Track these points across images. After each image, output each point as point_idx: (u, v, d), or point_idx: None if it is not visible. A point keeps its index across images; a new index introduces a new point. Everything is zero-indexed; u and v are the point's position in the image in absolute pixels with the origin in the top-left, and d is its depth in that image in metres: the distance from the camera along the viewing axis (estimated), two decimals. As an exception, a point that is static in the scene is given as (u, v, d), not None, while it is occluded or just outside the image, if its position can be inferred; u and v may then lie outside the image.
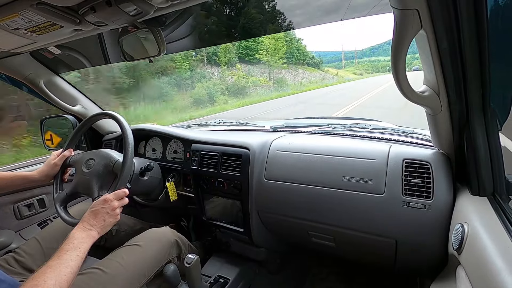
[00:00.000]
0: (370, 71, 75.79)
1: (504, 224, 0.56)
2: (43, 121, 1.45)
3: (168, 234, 1.06)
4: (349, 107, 9.45)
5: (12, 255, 0.94)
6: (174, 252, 1.04)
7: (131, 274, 0.87)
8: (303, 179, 1.00)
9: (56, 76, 1.34)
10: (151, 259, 0.94)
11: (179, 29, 1.02)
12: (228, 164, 1.15)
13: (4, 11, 0.65)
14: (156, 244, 0.99)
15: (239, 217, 1.18)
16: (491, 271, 0.47)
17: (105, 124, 1.56)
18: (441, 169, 0.81)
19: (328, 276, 1.47)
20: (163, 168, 1.32)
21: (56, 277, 0.61)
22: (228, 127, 1.58)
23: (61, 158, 1.06)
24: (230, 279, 1.19)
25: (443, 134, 0.77)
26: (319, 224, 0.99)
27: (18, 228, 1.27)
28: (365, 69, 77.65)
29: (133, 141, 1.00)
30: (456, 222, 0.69)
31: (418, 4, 0.49)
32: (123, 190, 0.89)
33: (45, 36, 0.80)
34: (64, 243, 0.71)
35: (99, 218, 0.80)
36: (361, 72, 62.16)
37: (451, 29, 0.53)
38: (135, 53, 0.90)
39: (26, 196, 1.29)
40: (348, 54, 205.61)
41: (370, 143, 1.02)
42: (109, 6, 0.64)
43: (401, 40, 0.53)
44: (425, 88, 0.68)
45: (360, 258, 1.14)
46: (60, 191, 1.05)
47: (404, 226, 0.83)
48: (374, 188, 0.87)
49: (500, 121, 0.62)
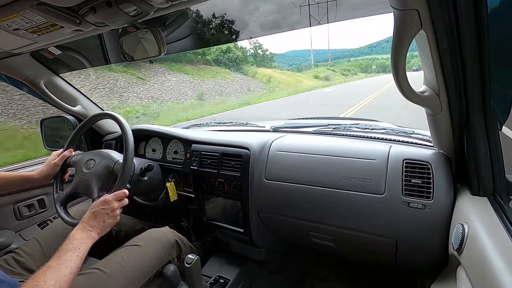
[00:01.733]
0: (350, 73, 56.87)
1: (504, 224, 0.56)
2: (43, 121, 1.46)
3: (168, 234, 1.06)
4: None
5: (12, 255, 0.94)
6: (174, 253, 1.04)
7: (131, 274, 0.87)
8: (303, 179, 1.00)
9: (56, 76, 1.34)
10: (151, 259, 0.94)
11: (179, 29, 1.02)
12: (228, 164, 1.15)
13: (4, 12, 0.65)
14: (156, 244, 0.99)
15: (239, 218, 1.18)
16: (492, 271, 0.47)
17: (105, 124, 1.56)
18: (441, 169, 0.81)
19: (328, 276, 1.47)
20: (163, 168, 1.32)
21: (56, 277, 0.61)
22: (228, 127, 1.58)
23: (61, 158, 1.06)
24: (230, 280, 1.19)
25: (443, 134, 0.77)
26: (319, 224, 0.99)
27: (18, 229, 1.27)
28: (342, 70, 57.14)
29: (133, 142, 1.00)
30: (456, 222, 0.69)
31: (418, 4, 0.49)
32: (123, 191, 0.89)
33: (45, 37, 0.80)
34: (64, 244, 0.71)
35: (99, 219, 0.80)
36: (327, 75, 40.21)
37: (451, 29, 0.53)
38: (135, 53, 0.90)
39: (26, 196, 1.29)
40: (345, 52, 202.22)
41: (370, 143, 1.02)
42: (109, 6, 0.64)
43: (401, 40, 0.53)
44: (425, 88, 0.68)
45: (361, 258, 1.14)
46: (60, 191, 1.05)
47: (404, 226, 0.83)
48: (374, 188, 0.87)
49: (500, 121, 0.62)
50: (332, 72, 47.67)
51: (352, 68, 68.26)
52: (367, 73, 66.15)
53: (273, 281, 1.40)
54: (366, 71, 69.83)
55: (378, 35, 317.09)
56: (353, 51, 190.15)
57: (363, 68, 75.88)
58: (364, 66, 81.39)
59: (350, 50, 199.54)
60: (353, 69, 66.79)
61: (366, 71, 70.10)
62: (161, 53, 0.84)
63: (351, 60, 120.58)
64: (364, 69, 74.20)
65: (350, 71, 60.64)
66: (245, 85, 19.96)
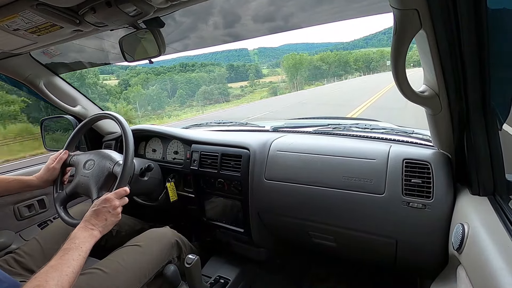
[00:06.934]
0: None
1: (504, 224, 0.56)
2: (43, 121, 1.45)
3: (169, 235, 1.06)
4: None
5: (12, 255, 0.94)
6: (175, 253, 1.04)
7: (132, 274, 0.87)
8: (303, 179, 1.00)
9: (56, 76, 1.34)
10: (152, 259, 0.94)
11: (179, 29, 1.02)
12: (228, 164, 1.15)
13: (4, 12, 0.65)
14: (157, 245, 0.99)
15: (239, 218, 1.18)
16: (492, 271, 0.47)
17: (105, 124, 1.56)
18: (441, 169, 0.81)
19: (329, 276, 1.46)
20: (163, 168, 1.32)
21: (58, 277, 0.61)
22: (228, 127, 1.58)
23: (58, 162, 1.05)
24: (231, 280, 1.19)
25: (443, 134, 0.77)
26: (319, 224, 0.99)
27: (19, 229, 1.27)
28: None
29: (133, 142, 1.00)
30: (456, 222, 0.69)
31: (418, 4, 0.49)
32: (124, 188, 0.89)
33: (45, 37, 0.80)
34: (66, 243, 0.71)
35: (101, 218, 0.80)
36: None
37: (451, 29, 0.53)
38: (135, 53, 0.90)
39: (26, 196, 1.29)
40: (339, 45, 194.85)
41: (370, 143, 1.02)
42: (109, 6, 0.64)
43: (401, 40, 0.53)
44: (425, 88, 0.68)
45: (361, 258, 1.14)
46: (60, 191, 1.05)
47: (404, 226, 0.83)
48: (374, 188, 0.87)
49: (500, 121, 0.62)
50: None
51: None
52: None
53: (273, 281, 1.40)
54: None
55: (374, 27, 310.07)
56: (347, 44, 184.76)
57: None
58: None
59: (344, 43, 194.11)
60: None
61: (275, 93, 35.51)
62: (161, 53, 0.84)
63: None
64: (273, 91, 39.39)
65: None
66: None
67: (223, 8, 0.96)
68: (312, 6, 0.96)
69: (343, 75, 60.93)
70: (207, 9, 0.96)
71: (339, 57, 76.37)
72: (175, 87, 29.64)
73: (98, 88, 28.84)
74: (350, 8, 1.00)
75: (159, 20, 0.81)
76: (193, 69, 59.35)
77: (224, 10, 0.97)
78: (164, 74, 32.89)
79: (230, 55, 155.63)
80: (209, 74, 51.90)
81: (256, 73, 67.29)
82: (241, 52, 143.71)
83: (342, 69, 70.53)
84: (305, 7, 0.96)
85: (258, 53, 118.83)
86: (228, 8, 0.98)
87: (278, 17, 1.05)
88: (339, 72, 66.32)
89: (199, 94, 31.23)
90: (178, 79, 36.12)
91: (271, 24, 1.07)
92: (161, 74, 31.82)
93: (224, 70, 63.74)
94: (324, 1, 0.94)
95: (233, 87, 52.17)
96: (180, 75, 46.03)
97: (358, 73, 59.15)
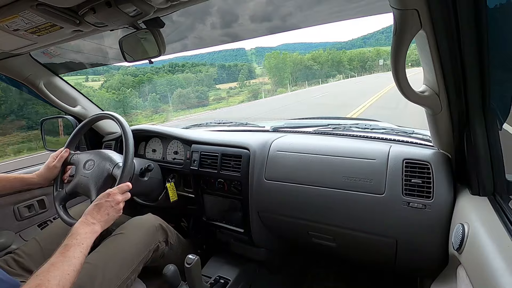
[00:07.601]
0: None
1: (504, 224, 0.56)
2: (43, 121, 1.46)
3: (151, 219, 1.06)
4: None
5: (12, 256, 0.93)
6: (161, 236, 1.04)
7: (120, 261, 0.87)
8: (303, 179, 1.00)
9: (56, 77, 1.34)
10: (136, 245, 0.94)
11: (178, 30, 1.02)
12: (228, 164, 1.15)
13: (4, 12, 0.65)
14: (140, 230, 0.99)
15: (239, 218, 1.18)
16: (492, 271, 0.47)
17: (105, 124, 1.56)
18: (441, 169, 0.81)
19: (328, 276, 1.46)
20: (163, 168, 1.32)
21: (60, 276, 0.60)
22: (228, 127, 1.58)
23: (59, 160, 1.06)
24: (231, 280, 1.19)
25: (443, 134, 0.77)
26: (319, 224, 0.99)
27: (18, 229, 1.27)
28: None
29: (133, 142, 1.00)
30: (456, 222, 0.69)
31: (418, 4, 0.49)
32: (127, 184, 0.89)
33: (45, 37, 0.80)
34: (67, 239, 0.70)
35: (103, 212, 0.80)
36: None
37: (451, 29, 0.53)
38: (135, 53, 0.90)
39: (26, 197, 1.29)
40: (337, 44, 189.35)
41: (370, 143, 1.02)
42: (109, 7, 0.64)
43: (401, 40, 0.53)
44: (425, 88, 0.68)
45: (361, 258, 1.14)
46: (60, 189, 1.05)
47: (404, 226, 0.83)
48: (374, 188, 0.87)
49: (500, 121, 0.62)
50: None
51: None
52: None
53: (273, 281, 1.40)
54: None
55: (372, 26, 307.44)
56: (345, 43, 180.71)
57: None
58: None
59: (341, 43, 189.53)
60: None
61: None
62: (161, 53, 0.84)
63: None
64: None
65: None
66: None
67: (222, 8, 0.97)
68: (310, 6, 0.96)
69: (335, 75, 56.03)
70: (206, 10, 0.96)
71: (332, 57, 71.13)
72: (153, 90, 28.44)
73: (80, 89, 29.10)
74: (349, 8, 1.01)
75: (159, 20, 0.81)
76: (182, 69, 54.57)
77: (223, 10, 0.98)
78: (143, 75, 31.53)
79: (228, 55, 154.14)
80: (196, 75, 47.93)
81: (248, 74, 59.69)
82: (238, 52, 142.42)
83: (335, 69, 65.82)
84: (304, 7, 0.96)
85: (255, 53, 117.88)
86: (227, 8, 0.98)
87: (277, 17, 1.05)
88: (332, 72, 62.39)
89: (174, 98, 29.47)
90: (157, 81, 33.97)
91: (269, 24, 1.07)
92: (138, 75, 30.54)
93: (212, 70, 56.37)
94: (322, 1, 0.94)
95: (221, 88, 47.74)
96: (161, 75, 42.45)
97: (342, 76, 51.24)
